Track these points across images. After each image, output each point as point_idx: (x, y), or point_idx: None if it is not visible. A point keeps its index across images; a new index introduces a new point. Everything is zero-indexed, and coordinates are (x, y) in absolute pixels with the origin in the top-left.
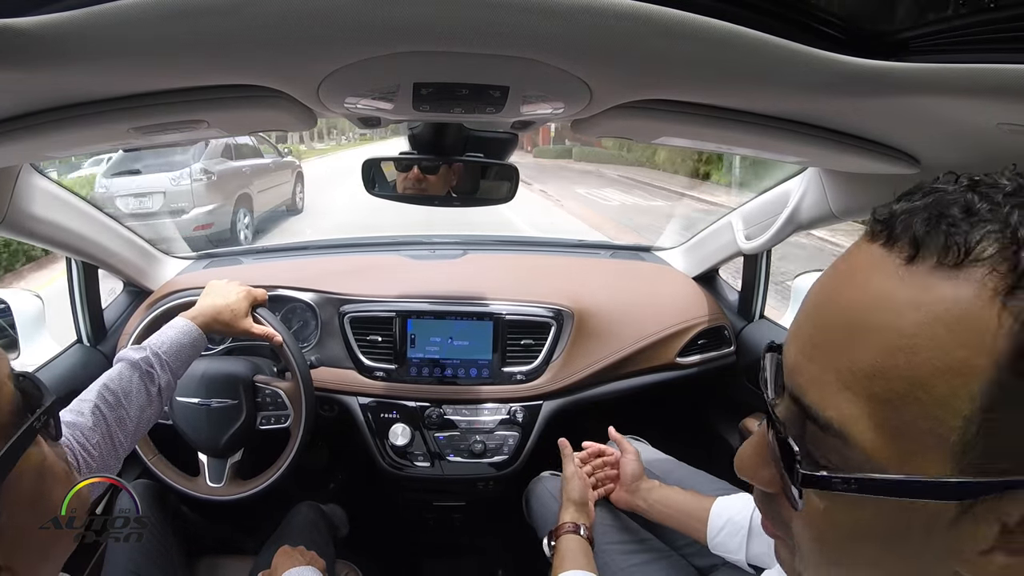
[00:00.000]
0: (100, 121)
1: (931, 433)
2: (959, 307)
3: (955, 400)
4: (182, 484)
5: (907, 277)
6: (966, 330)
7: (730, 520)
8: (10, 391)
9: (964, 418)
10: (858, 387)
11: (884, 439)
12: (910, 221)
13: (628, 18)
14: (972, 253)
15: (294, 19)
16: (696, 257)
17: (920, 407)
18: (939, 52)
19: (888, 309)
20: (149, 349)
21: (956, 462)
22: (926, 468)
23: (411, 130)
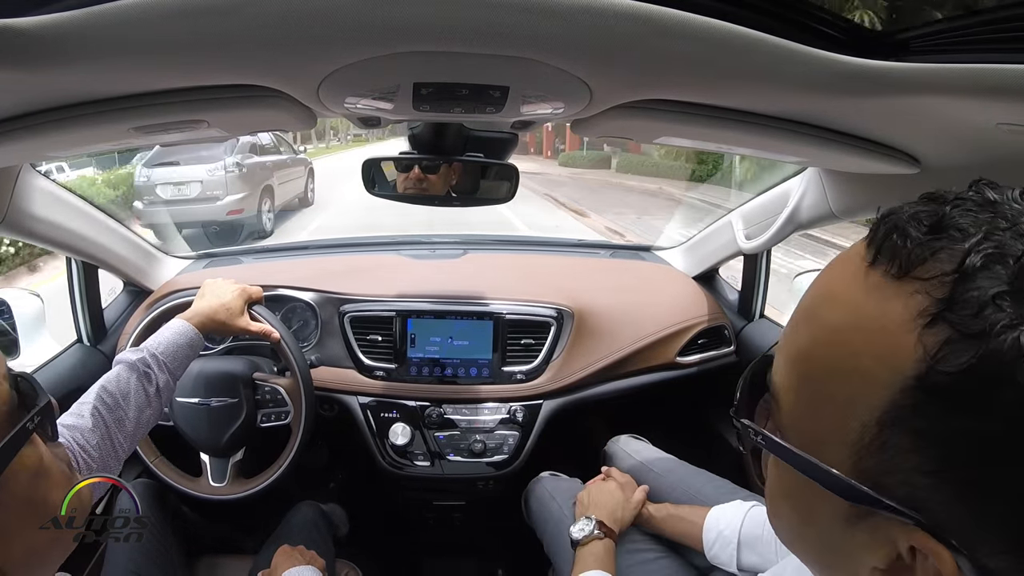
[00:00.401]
0: (100, 121)
1: (837, 428)
2: (882, 319)
3: (856, 405)
4: (185, 485)
5: (860, 278)
6: (880, 343)
7: (720, 534)
8: (5, 391)
9: (862, 424)
10: (794, 362)
11: (801, 414)
12: (879, 225)
13: (628, 18)
14: (914, 269)
15: (294, 19)
16: (696, 257)
17: (830, 399)
18: (939, 52)
19: (831, 302)
20: (146, 350)
21: (855, 463)
22: (827, 456)
23: (411, 130)
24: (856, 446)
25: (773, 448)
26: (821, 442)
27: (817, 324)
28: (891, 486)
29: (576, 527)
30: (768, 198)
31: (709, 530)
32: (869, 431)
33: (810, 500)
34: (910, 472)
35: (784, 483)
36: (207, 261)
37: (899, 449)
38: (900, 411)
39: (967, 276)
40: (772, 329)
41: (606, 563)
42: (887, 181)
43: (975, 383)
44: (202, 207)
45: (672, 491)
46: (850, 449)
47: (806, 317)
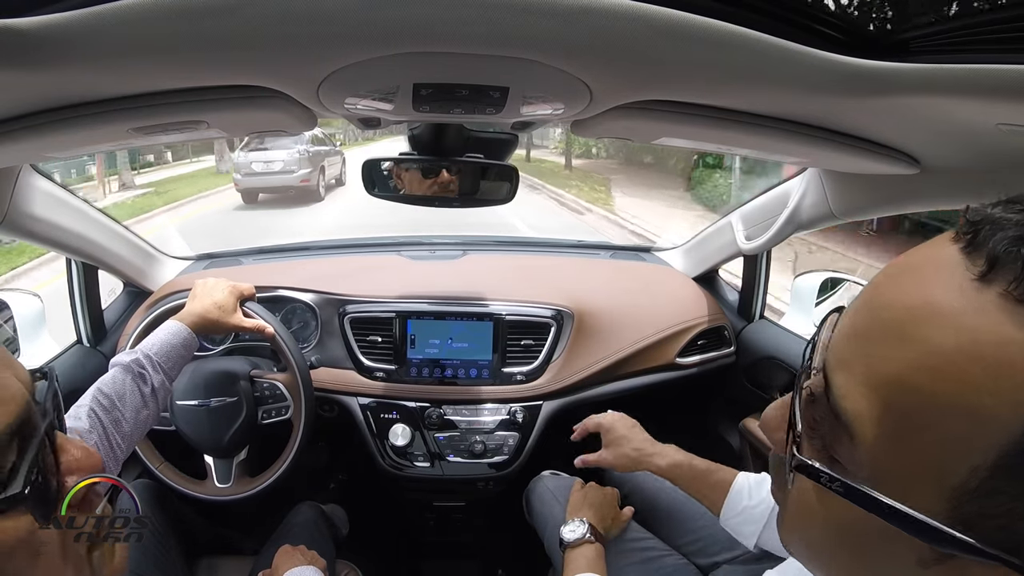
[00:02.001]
0: (100, 121)
1: (934, 467)
2: (1007, 350)
3: (967, 445)
4: (191, 488)
5: (969, 293)
6: (1004, 378)
7: (746, 508)
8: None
9: (971, 468)
10: (878, 388)
11: (887, 450)
12: (995, 232)
13: (628, 19)
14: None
15: (294, 19)
16: (696, 257)
17: (931, 436)
18: (939, 52)
19: (934, 320)
20: (140, 352)
21: (949, 507)
22: (917, 499)
23: (411, 131)
24: (958, 490)
25: (851, 495)
26: (908, 482)
27: (915, 345)
28: (988, 529)
29: (567, 528)
30: (768, 199)
31: (737, 498)
32: (978, 476)
33: (876, 542)
34: (1016, 517)
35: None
36: (207, 262)
37: (1012, 494)
38: (1021, 455)
39: None
40: (772, 330)
41: (597, 567)
42: (887, 181)
43: None
44: (282, 177)
45: (670, 492)
46: (948, 492)
47: (893, 333)
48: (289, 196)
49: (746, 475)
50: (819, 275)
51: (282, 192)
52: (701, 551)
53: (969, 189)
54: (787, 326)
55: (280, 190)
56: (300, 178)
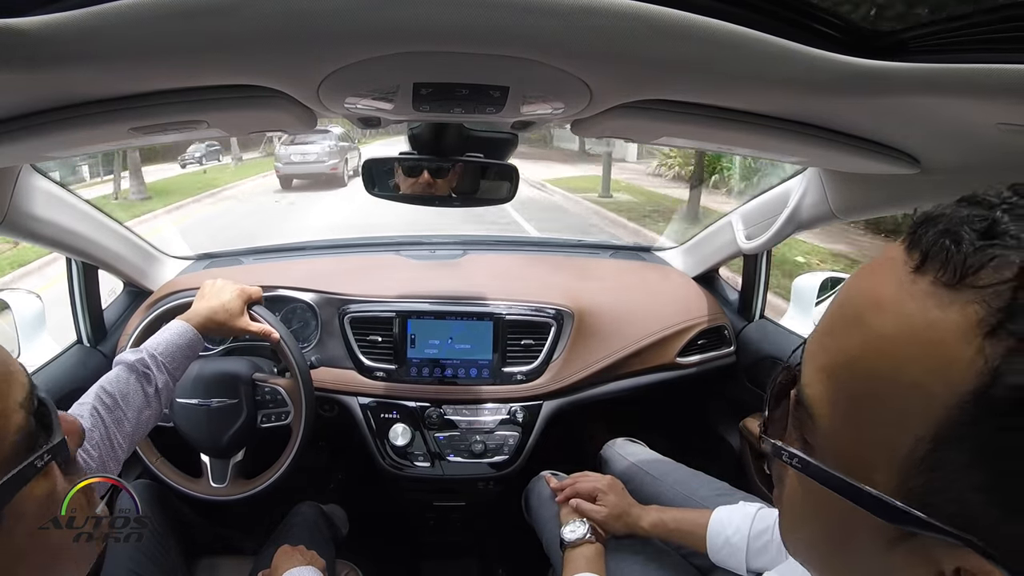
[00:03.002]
0: (100, 121)
1: (883, 443)
2: (938, 329)
3: (909, 418)
4: (185, 486)
5: (906, 284)
6: (937, 355)
7: (727, 541)
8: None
9: (916, 438)
10: (833, 373)
11: (841, 429)
12: (928, 228)
13: (628, 18)
14: (968, 277)
15: (294, 19)
16: (696, 257)
17: (878, 412)
18: (939, 52)
19: (878, 307)
20: (145, 351)
21: (901, 483)
22: (873, 477)
23: (411, 130)
24: (904, 464)
25: (811, 472)
26: (863, 460)
27: (862, 332)
28: (940, 505)
29: (567, 528)
30: (768, 198)
31: (715, 535)
32: (922, 448)
33: (845, 522)
34: (963, 490)
35: (813, 503)
36: (207, 262)
37: (954, 466)
38: (958, 427)
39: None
40: (772, 330)
41: (597, 567)
42: (887, 181)
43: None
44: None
45: (668, 493)
46: (897, 467)
47: (846, 324)
48: (320, 181)
49: (721, 509)
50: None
51: (314, 178)
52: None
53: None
54: (788, 326)
55: (313, 176)
56: (330, 167)
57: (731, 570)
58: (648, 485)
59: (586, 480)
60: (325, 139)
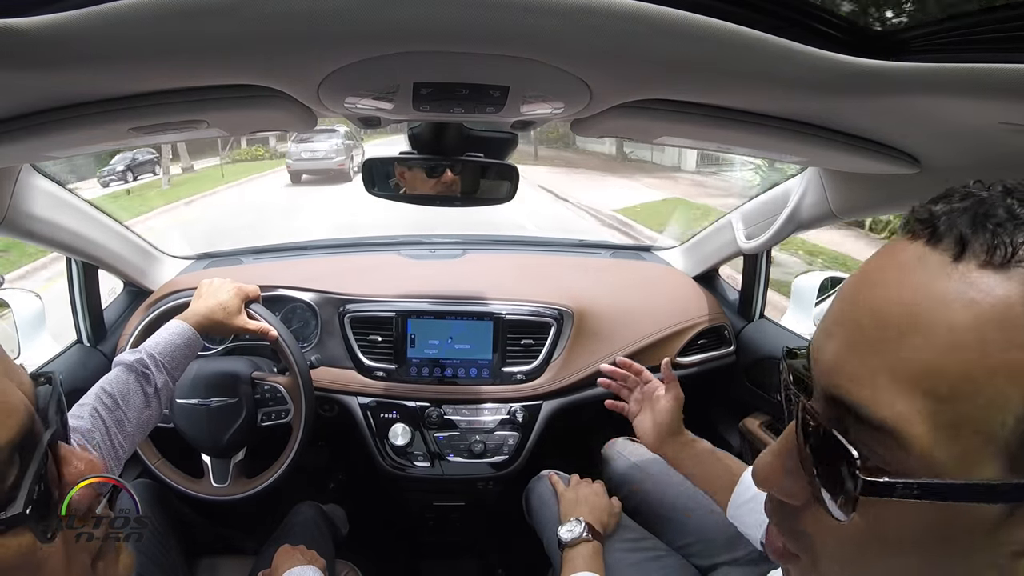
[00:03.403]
0: (100, 121)
1: (984, 433)
2: (1010, 306)
3: (1007, 400)
4: (187, 486)
5: (954, 274)
6: (1018, 329)
7: (755, 497)
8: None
9: (1016, 418)
10: (912, 384)
11: (940, 439)
12: (954, 220)
13: (628, 18)
14: (1019, 254)
15: (294, 19)
16: (696, 257)
17: (974, 404)
18: (939, 52)
19: (938, 305)
20: (144, 351)
21: (1006, 463)
22: (979, 470)
23: (411, 130)
24: (1011, 445)
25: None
26: (967, 455)
27: (932, 332)
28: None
29: (564, 528)
30: (768, 198)
31: (746, 487)
32: (1022, 423)
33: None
34: None
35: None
36: (207, 261)
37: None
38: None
39: None
40: (772, 329)
41: (595, 566)
42: (887, 181)
43: None
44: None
45: (669, 493)
46: (1002, 451)
47: (909, 329)
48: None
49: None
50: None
51: (322, 174)
52: (701, 552)
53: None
54: (788, 325)
55: (321, 172)
56: (337, 163)
57: (743, 528)
58: (649, 484)
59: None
60: (332, 138)
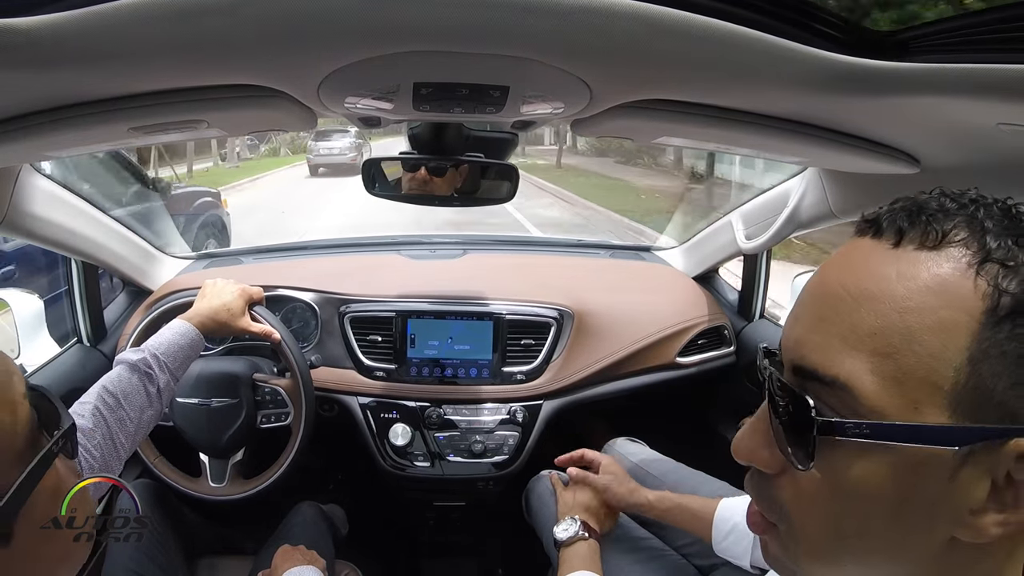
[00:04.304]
0: (100, 121)
1: (927, 382)
2: (942, 276)
3: (946, 352)
4: (184, 485)
5: (896, 257)
6: (949, 294)
7: (736, 526)
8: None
9: (955, 368)
10: (860, 345)
11: (886, 389)
12: (893, 217)
13: (628, 18)
14: (947, 237)
15: (294, 19)
16: (696, 257)
17: (916, 358)
18: (939, 52)
19: (884, 281)
20: (147, 351)
21: (952, 411)
22: (926, 418)
23: (411, 130)
24: (952, 392)
25: (877, 433)
26: (913, 404)
27: (876, 303)
28: (987, 413)
29: (560, 527)
30: (768, 198)
31: (722, 521)
32: (962, 372)
33: (906, 481)
34: (1002, 392)
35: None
36: (207, 261)
37: (990, 375)
38: (984, 342)
39: (986, 232)
40: (773, 330)
41: (592, 564)
42: (887, 181)
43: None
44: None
45: None
46: (947, 398)
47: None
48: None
49: (728, 499)
50: None
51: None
52: (701, 552)
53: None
54: None
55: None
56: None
57: (733, 560)
58: (649, 484)
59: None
60: (345, 137)
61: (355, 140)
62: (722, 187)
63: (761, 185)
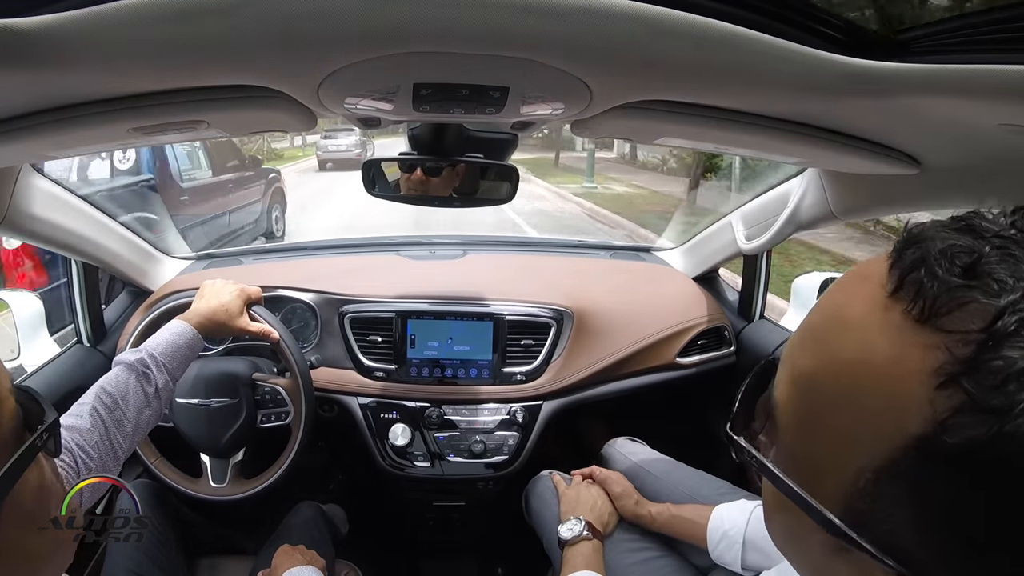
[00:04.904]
0: (100, 121)
1: (833, 463)
2: (896, 364)
3: (856, 447)
4: (185, 486)
5: (878, 308)
6: (893, 393)
7: (725, 534)
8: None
9: (859, 468)
10: (796, 382)
11: (797, 438)
12: (909, 251)
13: (628, 19)
14: (938, 318)
15: (294, 20)
16: (696, 257)
17: (831, 432)
18: (939, 52)
19: (844, 327)
20: (145, 351)
21: (845, 504)
22: (820, 488)
23: (411, 130)
24: (849, 487)
25: (765, 473)
26: (816, 471)
27: (825, 349)
28: (878, 531)
29: (564, 527)
30: (768, 199)
31: (714, 530)
32: (864, 477)
33: (799, 521)
34: (900, 524)
35: (778, 497)
36: (207, 262)
37: (892, 501)
38: (898, 467)
39: (996, 340)
40: (772, 330)
41: (595, 564)
42: (887, 181)
43: (980, 461)
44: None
45: (669, 493)
46: (843, 488)
47: (814, 337)
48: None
49: (722, 506)
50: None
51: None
52: (700, 552)
53: (970, 189)
54: (788, 326)
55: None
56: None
57: (727, 566)
58: (649, 484)
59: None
60: (351, 135)
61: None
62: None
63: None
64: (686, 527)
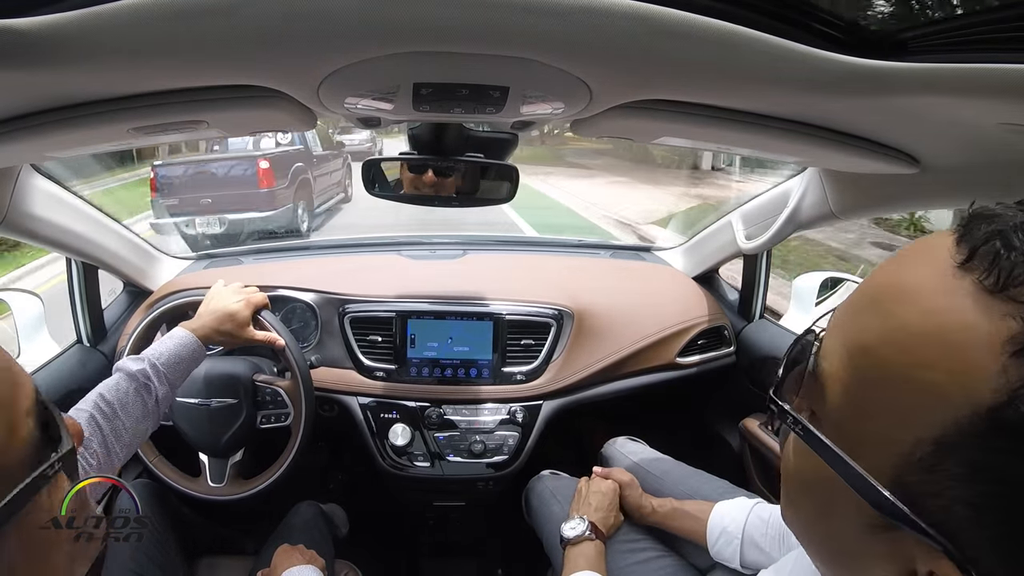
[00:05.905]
0: (100, 121)
1: (886, 435)
2: (966, 334)
3: (915, 417)
4: (183, 485)
5: (946, 278)
6: (961, 361)
7: (724, 531)
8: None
9: (917, 439)
10: (851, 353)
11: (849, 410)
12: (981, 224)
13: (628, 18)
14: (1013, 290)
15: (294, 19)
16: (696, 257)
17: (886, 405)
18: (939, 52)
19: (907, 298)
20: (147, 360)
21: (896, 475)
22: (867, 460)
23: (411, 130)
24: (903, 459)
25: (811, 441)
26: (863, 444)
27: (887, 319)
28: (928, 506)
29: (568, 525)
30: (768, 198)
31: (714, 526)
32: (923, 448)
33: (833, 498)
34: (955, 500)
35: (808, 474)
36: (208, 261)
37: (950, 475)
38: (964, 437)
39: None
40: (773, 330)
41: (597, 564)
42: (887, 180)
43: None
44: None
45: (669, 492)
46: (895, 460)
47: (874, 306)
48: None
49: (722, 503)
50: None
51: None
52: (699, 552)
53: (969, 188)
54: (788, 326)
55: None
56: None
57: (726, 562)
58: (650, 483)
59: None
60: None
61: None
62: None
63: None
64: (687, 521)
